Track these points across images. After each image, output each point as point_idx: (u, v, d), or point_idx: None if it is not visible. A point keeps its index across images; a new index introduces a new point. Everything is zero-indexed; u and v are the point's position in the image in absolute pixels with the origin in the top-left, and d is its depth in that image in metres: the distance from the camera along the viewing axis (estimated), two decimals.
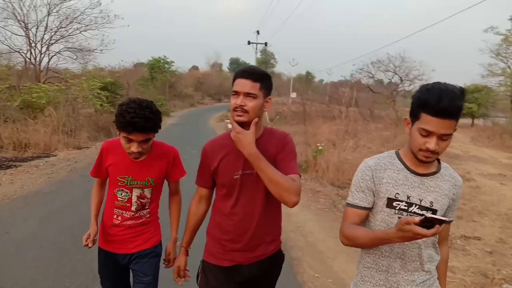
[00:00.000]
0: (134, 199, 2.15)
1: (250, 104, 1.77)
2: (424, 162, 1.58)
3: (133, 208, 2.16)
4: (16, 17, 15.71)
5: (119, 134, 2.04)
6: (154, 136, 2.09)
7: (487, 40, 26.64)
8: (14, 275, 3.62)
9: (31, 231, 4.76)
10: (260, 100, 1.81)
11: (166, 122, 21.03)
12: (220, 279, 1.95)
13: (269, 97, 1.87)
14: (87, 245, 2.13)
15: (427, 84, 1.56)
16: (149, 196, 2.19)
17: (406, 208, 1.61)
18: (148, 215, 2.22)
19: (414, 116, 1.55)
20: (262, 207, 1.89)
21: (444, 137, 1.50)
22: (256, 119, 1.80)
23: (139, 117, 1.91)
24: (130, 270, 2.28)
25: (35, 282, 3.50)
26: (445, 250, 1.80)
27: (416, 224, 1.33)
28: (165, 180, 2.29)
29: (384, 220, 1.64)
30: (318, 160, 8.63)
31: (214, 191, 2.06)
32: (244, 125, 1.79)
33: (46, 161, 9.11)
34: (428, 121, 1.48)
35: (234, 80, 1.84)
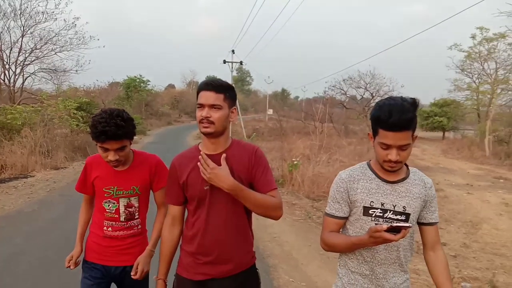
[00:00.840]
0: (121, 209, 2.17)
1: (215, 115, 1.81)
2: (391, 172, 1.69)
3: (122, 219, 2.18)
4: None
5: (96, 145, 2.07)
6: (130, 144, 2.13)
7: (452, 56, 27.83)
8: None
9: (18, 248, 4.87)
10: (225, 111, 1.84)
11: (143, 140, 21.01)
12: None
13: (234, 107, 1.91)
14: (69, 266, 2.19)
15: (380, 101, 1.69)
16: (136, 204, 2.21)
17: (381, 214, 1.70)
18: (139, 226, 2.24)
19: (374, 131, 1.68)
20: (232, 218, 1.88)
21: (403, 148, 1.61)
22: (224, 155, 1.83)
23: (110, 126, 1.95)
24: (115, 286, 2.28)
25: None
26: (441, 254, 1.80)
27: (384, 231, 1.47)
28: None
29: (362, 227, 1.72)
30: (293, 174, 8.91)
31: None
32: (212, 135, 1.84)
33: (24, 182, 9.11)
34: (384, 136, 1.60)
35: (198, 92, 1.88)
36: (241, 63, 32.67)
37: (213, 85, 1.84)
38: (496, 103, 21.91)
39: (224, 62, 31.19)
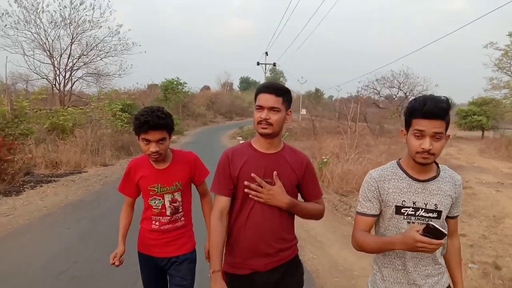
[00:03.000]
0: (167, 204, 2.32)
1: (274, 117, 1.88)
2: (423, 164, 1.69)
3: (168, 213, 2.33)
4: (43, 47, 17.09)
5: (139, 139, 2.22)
6: (170, 138, 2.27)
7: (490, 54, 27.13)
8: (79, 257, 4.71)
9: (86, 229, 5.91)
10: (282, 113, 1.91)
11: (180, 140, 21.91)
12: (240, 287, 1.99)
13: (289, 110, 1.98)
14: (113, 263, 2.32)
15: (415, 97, 1.78)
16: (180, 199, 2.35)
17: (413, 213, 1.73)
18: (183, 219, 2.39)
19: (407, 125, 1.72)
20: (278, 213, 1.94)
21: (437, 136, 1.63)
22: (275, 173, 1.91)
23: (152, 117, 2.12)
24: (167, 275, 2.44)
25: (99, 261, 4.42)
26: (456, 242, 1.92)
27: (420, 233, 1.51)
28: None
29: (395, 225, 1.77)
30: (323, 171, 9.40)
31: None
32: (269, 136, 1.92)
33: (79, 177, 10.18)
34: (418, 123, 1.64)
35: (256, 95, 1.94)
36: (274, 64, 33.17)
37: (272, 88, 1.92)
38: None
39: (258, 64, 31.82)
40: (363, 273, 4.41)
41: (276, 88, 1.92)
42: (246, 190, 1.89)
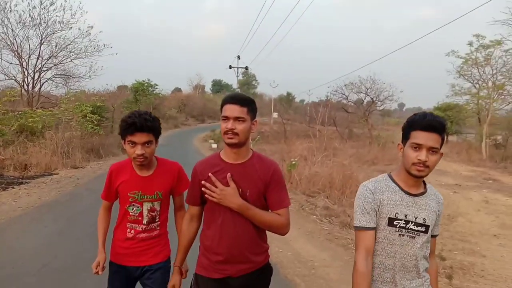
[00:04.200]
0: (145, 212, 2.29)
1: (239, 127, 1.91)
2: (417, 177, 1.75)
3: (144, 222, 2.29)
4: (10, 47, 16.77)
5: (124, 143, 2.21)
6: (156, 143, 2.25)
7: (453, 61, 28.29)
8: (60, 252, 4.95)
9: (63, 226, 6.15)
10: (248, 123, 1.95)
11: None
12: None
13: (255, 119, 2.03)
14: (97, 272, 2.26)
15: (415, 113, 1.85)
16: (158, 208, 2.32)
17: (404, 225, 1.78)
18: (158, 228, 2.35)
19: (405, 137, 1.79)
20: (248, 222, 1.97)
21: (433, 150, 1.70)
22: (229, 175, 1.96)
23: (139, 118, 2.13)
24: (139, 284, 2.40)
25: (79, 255, 4.71)
26: (434, 262, 1.99)
27: None
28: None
29: (386, 237, 1.81)
30: (292, 173, 9.79)
31: None
32: (236, 146, 1.96)
33: (51, 179, 10.19)
34: (417, 136, 1.71)
35: (222, 106, 1.97)
36: (246, 68, 33.60)
37: (237, 98, 1.97)
38: (494, 108, 22.52)
39: (230, 67, 32.15)
40: (322, 264, 4.87)
41: (241, 98, 1.97)
42: (202, 189, 1.97)
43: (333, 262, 4.96)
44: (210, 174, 1.97)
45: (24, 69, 17.21)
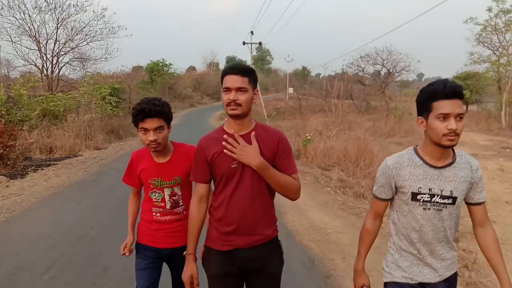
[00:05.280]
0: (166, 198, 2.34)
1: (242, 97, 1.88)
2: (449, 147, 1.70)
3: (168, 206, 2.35)
4: (28, 33, 17.16)
5: (138, 131, 2.25)
6: (168, 128, 2.27)
7: (472, 29, 27.49)
8: (95, 224, 5.45)
9: (95, 203, 6.60)
10: (250, 93, 1.91)
11: None
12: (222, 263, 2.02)
13: (256, 89, 1.99)
14: (124, 253, 2.37)
15: (429, 83, 1.77)
16: (179, 193, 2.35)
17: (429, 199, 1.77)
18: (184, 212, 2.36)
19: (426, 110, 1.72)
20: (257, 194, 1.96)
21: (460, 116, 1.65)
22: (254, 133, 1.93)
23: (148, 104, 2.17)
24: (168, 265, 2.47)
25: (113, 225, 5.24)
26: (490, 230, 1.88)
27: None
28: None
29: (411, 211, 1.82)
30: (307, 148, 10.00)
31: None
32: (239, 117, 1.92)
33: (76, 160, 10.71)
34: (442, 106, 1.65)
35: (222, 77, 1.94)
36: (260, 43, 33.25)
37: (238, 69, 1.92)
38: None
39: (244, 43, 31.89)
40: (335, 230, 5.17)
41: (241, 68, 1.93)
42: (223, 143, 1.91)
43: (346, 228, 5.23)
44: (232, 131, 1.94)
45: (43, 54, 17.61)
